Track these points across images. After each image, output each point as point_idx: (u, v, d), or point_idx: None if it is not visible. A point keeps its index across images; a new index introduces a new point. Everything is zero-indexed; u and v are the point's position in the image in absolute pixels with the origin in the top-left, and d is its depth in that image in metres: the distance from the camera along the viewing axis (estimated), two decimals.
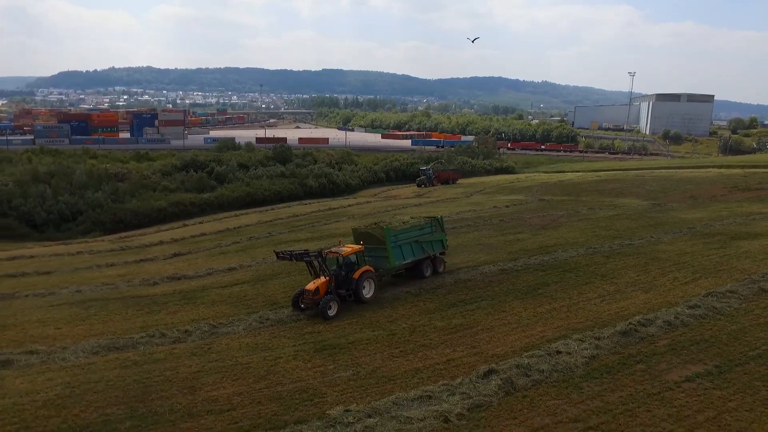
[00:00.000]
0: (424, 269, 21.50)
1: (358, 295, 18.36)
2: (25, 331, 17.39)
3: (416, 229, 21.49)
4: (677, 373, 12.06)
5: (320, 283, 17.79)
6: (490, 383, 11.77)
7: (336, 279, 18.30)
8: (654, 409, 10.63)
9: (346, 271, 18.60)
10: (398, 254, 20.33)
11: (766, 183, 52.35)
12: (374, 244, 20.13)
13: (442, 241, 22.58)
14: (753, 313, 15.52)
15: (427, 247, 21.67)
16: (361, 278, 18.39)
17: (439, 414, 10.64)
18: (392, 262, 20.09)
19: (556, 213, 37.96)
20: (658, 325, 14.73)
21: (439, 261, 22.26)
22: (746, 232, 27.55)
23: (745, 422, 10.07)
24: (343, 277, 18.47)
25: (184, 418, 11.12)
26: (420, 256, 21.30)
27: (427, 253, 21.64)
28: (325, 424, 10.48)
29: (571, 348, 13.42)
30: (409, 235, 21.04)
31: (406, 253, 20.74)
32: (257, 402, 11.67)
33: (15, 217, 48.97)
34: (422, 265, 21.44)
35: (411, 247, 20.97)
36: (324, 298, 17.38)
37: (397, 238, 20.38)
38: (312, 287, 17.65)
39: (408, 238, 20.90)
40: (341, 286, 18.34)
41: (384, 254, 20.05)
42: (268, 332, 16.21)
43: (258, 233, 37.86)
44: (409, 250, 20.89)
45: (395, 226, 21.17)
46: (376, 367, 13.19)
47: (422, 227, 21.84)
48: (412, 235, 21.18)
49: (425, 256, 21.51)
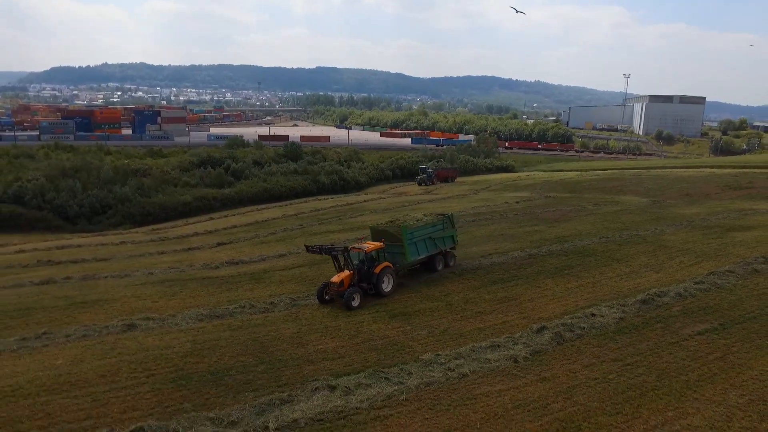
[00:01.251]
0: (437, 263, 22.67)
1: (378, 288, 19.54)
2: (128, 304, 20.23)
3: (429, 226, 22.53)
4: (689, 329, 15.20)
5: (344, 276, 19.11)
6: (543, 336, 14.86)
7: (359, 273, 19.57)
8: (675, 352, 13.77)
9: (367, 266, 19.83)
10: (414, 250, 21.42)
11: (756, 182, 55.78)
12: (391, 241, 21.09)
13: (453, 237, 23.74)
14: (748, 288, 18.71)
15: (440, 243, 22.82)
16: (381, 273, 19.63)
17: (509, 357, 13.71)
18: (408, 258, 21.16)
19: (564, 208, 41.14)
20: (670, 296, 17.88)
21: (450, 255, 23.54)
22: (740, 225, 30.83)
23: (744, 359, 13.22)
24: (365, 272, 19.69)
25: (305, 363, 14.08)
26: (433, 252, 22.44)
27: (440, 249, 22.81)
28: (422, 364, 13.50)
29: (603, 312, 16.53)
30: (424, 232, 22.10)
31: (421, 249, 21.85)
32: (360, 352, 14.66)
33: (49, 209, 51.60)
34: (435, 259, 22.59)
35: (425, 243, 22.08)
36: (348, 290, 18.68)
37: (413, 235, 21.44)
38: (337, 280, 19.00)
39: (422, 235, 21.98)
40: (363, 280, 19.57)
41: (401, 251, 21.06)
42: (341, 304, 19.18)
43: (289, 225, 40.75)
44: (424, 246, 22.00)
45: (411, 223, 22.12)
46: (446, 327, 16.23)
47: (435, 224, 22.85)
48: (426, 232, 22.24)
49: (438, 251, 22.68)
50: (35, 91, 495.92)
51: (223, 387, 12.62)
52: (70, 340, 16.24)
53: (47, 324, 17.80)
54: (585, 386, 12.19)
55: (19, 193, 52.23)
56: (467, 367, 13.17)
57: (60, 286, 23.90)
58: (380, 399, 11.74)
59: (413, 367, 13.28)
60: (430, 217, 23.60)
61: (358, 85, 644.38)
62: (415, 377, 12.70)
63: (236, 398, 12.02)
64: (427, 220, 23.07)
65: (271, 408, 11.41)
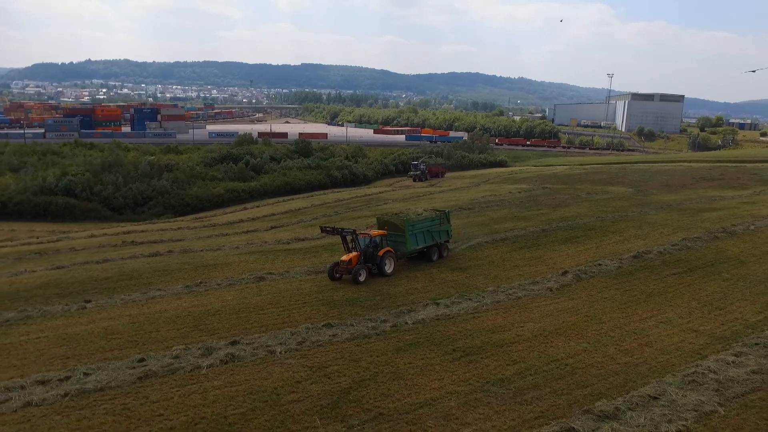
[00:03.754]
0: (432, 254, 25.25)
1: (381, 269, 22.42)
2: (243, 266, 26.12)
3: (428, 220, 25.32)
4: (667, 272, 21.82)
5: (352, 256, 22.08)
6: (567, 277, 21.36)
7: (364, 255, 22.47)
8: (656, 283, 20.37)
9: (372, 249, 22.70)
10: (413, 240, 24.26)
11: (726, 174, 63.05)
12: (395, 230, 24.09)
13: (448, 231, 26.37)
14: (709, 248, 25.41)
15: (436, 236, 25.50)
16: (384, 256, 22.53)
17: (546, 288, 20.18)
18: (408, 247, 24.07)
19: (562, 196, 47.81)
20: (654, 253, 24.50)
21: (443, 247, 26.04)
22: (709, 208, 37.69)
23: (701, 286, 19.89)
24: (370, 254, 22.51)
25: (407, 294, 20.27)
26: (430, 243, 25.14)
27: (436, 241, 25.50)
28: (489, 293, 19.84)
29: (606, 263, 23.08)
30: (423, 225, 24.88)
31: (420, 240, 24.62)
32: (441, 288, 20.94)
33: (97, 201, 57.16)
34: (431, 250, 25.24)
35: (423, 235, 24.81)
36: (356, 267, 21.65)
37: (414, 227, 24.27)
38: (346, 258, 22.00)
39: (422, 228, 24.75)
40: (368, 261, 22.37)
41: (402, 240, 23.93)
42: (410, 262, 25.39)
43: (325, 213, 46.89)
44: (422, 238, 24.74)
45: (413, 217, 24.87)
46: (495, 274, 22.61)
47: (433, 219, 25.57)
48: (425, 225, 25.02)
49: (434, 243, 25.37)
50: (18, 88, 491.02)
51: (359, 307, 18.83)
52: (221, 287, 22.26)
53: (191, 279, 23.73)
54: (599, 301, 18.72)
55: (69, 186, 57.63)
56: (520, 293, 19.63)
57: (170, 256, 29.73)
58: (469, 310, 18.10)
59: (483, 294, 19.69)
60: (429, 212, 26.43)
61: (343, 82, 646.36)
62: (487, 298, 19.11)
63: (373, 311, 18.27)
64: (426, 214, 25.88)
65: (402, 315, 17.69)
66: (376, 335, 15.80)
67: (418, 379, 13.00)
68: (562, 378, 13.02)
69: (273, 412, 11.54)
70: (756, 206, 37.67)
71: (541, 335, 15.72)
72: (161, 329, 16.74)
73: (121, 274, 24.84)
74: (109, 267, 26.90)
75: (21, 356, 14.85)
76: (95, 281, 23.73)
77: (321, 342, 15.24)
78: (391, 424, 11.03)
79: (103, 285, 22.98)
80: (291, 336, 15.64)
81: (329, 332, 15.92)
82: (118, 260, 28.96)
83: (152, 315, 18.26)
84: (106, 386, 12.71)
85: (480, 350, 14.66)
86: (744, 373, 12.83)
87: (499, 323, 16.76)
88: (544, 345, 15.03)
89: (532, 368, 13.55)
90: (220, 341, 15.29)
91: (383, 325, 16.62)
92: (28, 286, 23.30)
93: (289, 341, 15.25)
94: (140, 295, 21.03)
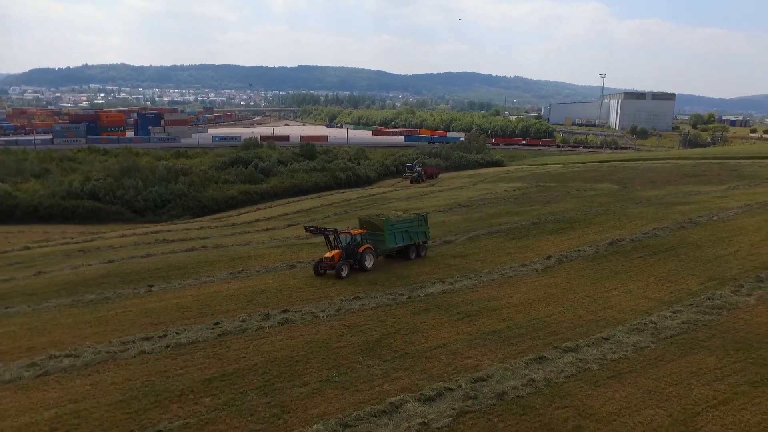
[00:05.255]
0: (411, 253, 27.05)
1: (362, 264, 24.48)
2: (273, 257, 29.97)
3: (407, 221, 27.14)
4: (635, 255, 26.00)
5: (335, 253, 24.18)
6: (550, 260, 25.51)
7: (346, 251, 24.50)
8: (625, 264, 24.55)
9: (353, 246, 24.78)
10: (392, 239, 26.10)
11: (708, 171, 67.25)
12: (375, 230, 25.94)
13: (425, 233, 28.08)
14: (674, 236, 29.58)
15: (414, 236, 27.23)
16: (364, 252, 24.64)
17: (532, 269, 24.32)
18: (387, 245, 25.95)
19: (553, 194, 51.99)
20: (626, 241, 28.66)
21: (421, 247, 27.71)
22: (683, 202, 41.87)
23: (661, 265, 24.03)
24: (351, 251, 24.52)
25: (417, 276, 24.39)
26: (408, 242, 26.91)
27: (414, 241, 27.20)
28: (485, 273, 23.97)
29: (584, 249, 27.27)
30: (402, 226, 26.61)
31: (398, 239, 26.41)
32: (445, 271, 25.06)
33: (120, 204, 61.22)
34: (409, 249, 27.02)
35: (402, 235, 26.58)
36: (338, 263, 23.80)
37: (392, 227, 26.07)
38: (329, 255, 24.12)
39: (400, 228, 26.48)
40: (349, 257, 24.39)
41: (381, 238, 25.84)
42: None
43: (336, 211, 51.01)
44: (401, 237, 26.53)
45: (392, 218, 26.61)
46: (491, 259, 26.73)
47: (411, 221, 27.33)
48: (404, 226, 26.75)
49: (412, 243, 27.12)
50: (16, 93, 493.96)
51: (380, 285, 22.84)
52: (260, 273, 26.29)
53: (232, 267, 27.75)
54: (575, 278, 22.89)
55: (94, 190, 61.68)
56: (511, 273, 23.81)
57: (206, 251, 33.74)
58: (469, 286, 22.24)
59: (480, 274, 23.84)
60: (408, 215, 28.46)
61: (340, 83, 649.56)
62: (483, 277, 23.26)
63: (391, 288, 22.34)
64: (405, 216, 27.85)
65: (416, 290, 21.81)
66: (396, 304, 19.93)
67: (432, 332, 17.12)
68: (540, 329, 17.14)
69: (326, 354, 15.65)
70: (726, 200, 41.85)
71: (526, 302, 19.87)
72: (222, 304, 20.84)
73: (168, 266, 28.88)
74: (155, 260, 30.95)
75: (118, 324, 18.93)
76: (149, 271, 27.77)
77: (353, 309, 19.36)
78: (414, 359, 15.14)
79: (156, 274, 27.01)
80: (329, 305, 19.76)
81: (359, 303, 20.04)
82: (160, 255, 32.99)
83: (210, 294, 22.36)
84: (195, 341, 16.80)
85: (478, 313, 18.79)
86: (676, 324, 16.98)
87: (493, 295, 20.90)
88: (528, 309, 19.18)
89: (518, 324, 17.68)
90: (274, 310, 19.39)
91: (401, 297, 20.76)
92: (93, 275, 27.35)
93: (329, 309, 19.37)
94: (193, 280, 25.11)
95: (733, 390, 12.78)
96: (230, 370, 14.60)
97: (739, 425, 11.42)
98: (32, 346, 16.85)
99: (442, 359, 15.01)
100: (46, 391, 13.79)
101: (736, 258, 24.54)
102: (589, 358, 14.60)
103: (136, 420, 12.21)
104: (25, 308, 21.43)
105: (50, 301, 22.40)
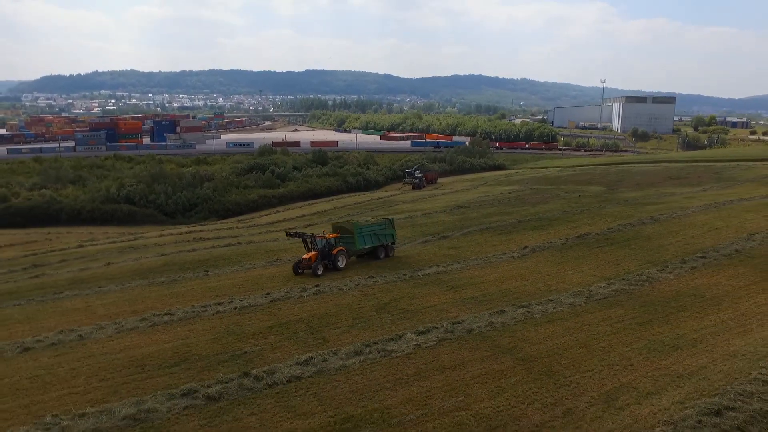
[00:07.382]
0: (379, 253, 30.16)
1: (335, 264, 27.49)
2: (301, 251, 36.29)
3: (375, 225, 30.50)
4: (596, 246, 31.97)
5: (311, 254, 27.18)
6: (525, 250, 31.52)
7: (321, 253, 27.44)
8: (589, 251, 30.51)
9: (327, 248, 27.72)
10: (362, 241, 29.08)
11: (693, 174, 72.85)
12: (346, 233, 28.94)
13: (393, 235, 31.06)
14: (633, 231, 35.50)
15: (382, 239, 30.29)
16: (337, 254, 27.69)
17: (510, 256, 30.37)
18: (357, 246, 28.86)
19: (544, 195, 57.91)
20: (593, 234, 34.65)
21: (389, 248, 30.83)
22: (655, 202, 47.72)
23: (625, 249, 29.98)
24: (326, 253, 27.52)
25: (418, 263, 30.50)
26: (376, 244, 29.97)
27: (382, 243, 30.24)
28: (472, 260, 30.04)
29: (555, 241, 33.26)
30: (370, 229, 29.73)
31: (368, 241, 29.40)
32: (441, 258, 31.15)
33: (153, 207, 67.81)
34: (378, 250, 30.13)
35: (371, 237, 29.56)
36: (314, 263, 26.80)
37: (361, 230, 29.08)
38: (306, 257, 27.16)
39: (369, 231, 29.52)
40: (324, 258, 27.34)
41: (352, 241, 28.73)
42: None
43: (351, 212, 57.19)
44: (370, 239, 29.49)
45: (361, 222, 30.24)
46: (479, 251, 32.77)
47: (379, 224, 30.59)
48: (372, 229, 29.86)
49: (380, 244, 30.18)
50: (29, 100, 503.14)
51: (387, 269, 28.91)
52: (292, 261, 32.32)
53: (269, 258, 33.86)
54: (543, 263, 28.93)
55: (129, 195, 68.34)
56: (493, 260, 29.89)
57: (241, 246, 39.87)
58: (458, 268, 28.31)
59: (468, 260, 29.93)
60: (376, 219, 32.18)
61: (347, 87, 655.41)
62: (470, 263, 29.34)
63: (396, 270, 28.42)
64: (373, 221, 31.45)
65: (416, 271, 27.91)
66: (400, 281, 26.10)
67: (426, 298, 23.27)
68: (506, 296, 23.24)
69: (350, 311, 21.84)
70: (693, 200, 47.62)
71: (500, 279, 25.97)
72: (266, 282, 27.03)
73: (214, 257, 35.10)
74: (201, 254, 37.17)
75: (191, 296, 25.16)
76: (199, 261, 33.99)
77: (368, 284, 25.53)
78: (413, 313, 21.29)
79: (207, 263, 33.20)
80: (350, 281, 25.97)
81: (372, 280, 26.23)
82: (203, 249, 39.24)
83: (256, 276, 28.56)
84: (254, 305, 23.01)
85: (462, 286, 24.91)
86: (607, 291, 23.05)
87: (476, 274, 27.03)
88: (501, 283, 25.28)
89: (491, 293, 23.78)
90: (309, 285, 25.57)
91: (404, 276, 26.94)
92: (154, 265, 33.62)
93: (350, 284, 25.56)
94: (239, 267, 31.31)
95: (625, 327, 18.88)
96: (284, 321, 20.84)
97: (623, 345, 17.53)
98: (135, 311, 23.13)
99: (433, 314, 21.15)
100: (159, 334, 20.06)
101: (674, 246, 30.52)
102: (535, 311, 20.72)
103: (228, 348, 18.44)
104: (114, 287, 27.74)
105: (130, 282, 28.69)
